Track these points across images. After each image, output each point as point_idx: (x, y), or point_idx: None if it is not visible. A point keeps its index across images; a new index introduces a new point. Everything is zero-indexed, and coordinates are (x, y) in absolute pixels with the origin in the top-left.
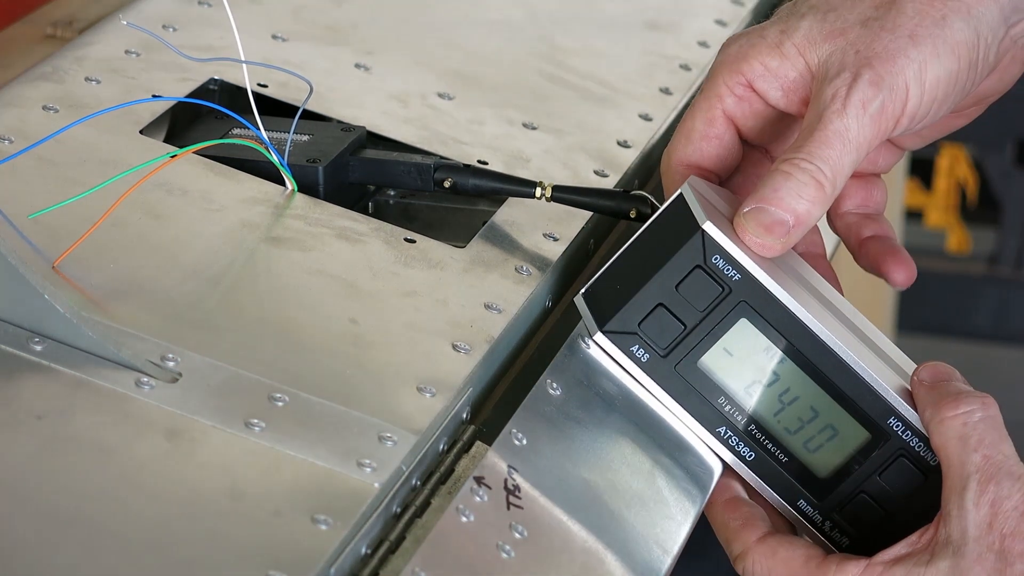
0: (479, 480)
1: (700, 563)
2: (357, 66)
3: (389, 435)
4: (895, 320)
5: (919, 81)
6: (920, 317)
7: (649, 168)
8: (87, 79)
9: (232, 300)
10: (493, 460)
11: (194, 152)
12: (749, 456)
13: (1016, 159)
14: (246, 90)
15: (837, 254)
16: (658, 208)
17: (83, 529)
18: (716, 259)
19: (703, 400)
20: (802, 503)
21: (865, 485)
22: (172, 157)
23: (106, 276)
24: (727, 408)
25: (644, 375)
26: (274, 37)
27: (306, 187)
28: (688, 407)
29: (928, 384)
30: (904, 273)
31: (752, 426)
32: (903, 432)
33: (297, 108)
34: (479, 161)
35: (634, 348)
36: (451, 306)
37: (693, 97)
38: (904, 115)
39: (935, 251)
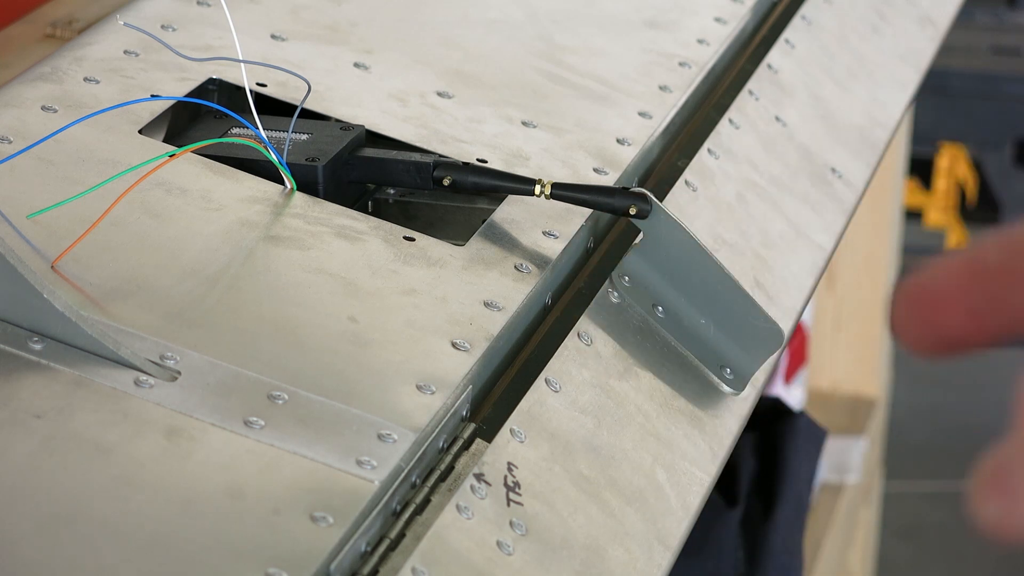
0: (479, 477)
1: (700, 563)
2: (356, 65)
3: (389, 433)
4: None
5: None
6: None
7: (648, 165)
8: (86, 79)
9: (231, 299)
10: (493, 457)
11: (193, 151)
12: None
13: (1016, 159)
14: (245, 89)
15: (836, 254)
16: (656, 204)
17: (82, 528)
18: None
19: None
20: None
21: None
22: (171, 156)
23: (105, 275)
24: None
25: None
26: (273, 36)
27: (305, 186)
28: None
29: None
30: None
31: None
32: None
33: (296, 107)
34: (478, 159)
35: None
36: (450, 304)
37: (692, 95)
38: None
39: (935, 251)
